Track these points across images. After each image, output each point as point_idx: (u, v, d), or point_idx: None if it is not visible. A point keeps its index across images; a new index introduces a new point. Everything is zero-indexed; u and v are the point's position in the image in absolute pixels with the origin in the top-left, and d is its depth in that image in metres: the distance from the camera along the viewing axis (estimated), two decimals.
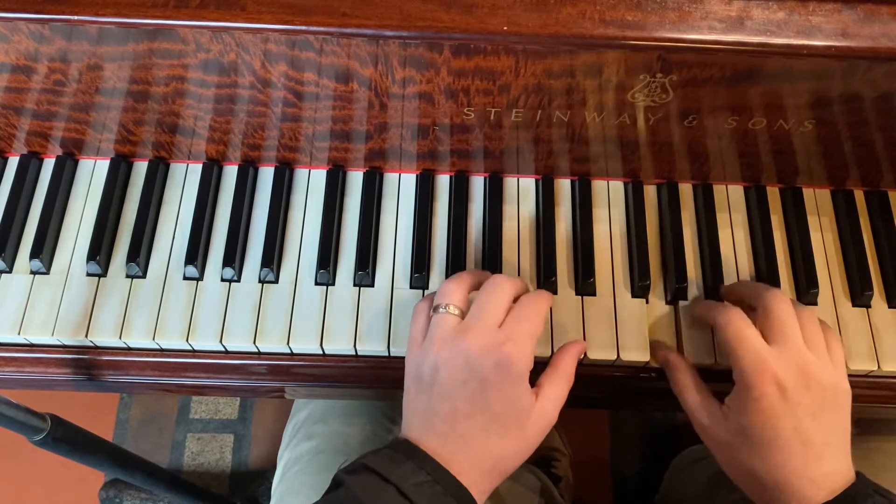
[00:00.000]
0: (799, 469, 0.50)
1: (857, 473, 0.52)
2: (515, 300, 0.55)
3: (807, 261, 0.64)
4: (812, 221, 0.67)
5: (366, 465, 0.49)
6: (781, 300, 0.54)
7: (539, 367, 0.57)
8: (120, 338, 0.61)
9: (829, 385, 0.52)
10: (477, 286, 0.55)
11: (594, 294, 0.63)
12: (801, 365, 0.51)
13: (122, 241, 0.65)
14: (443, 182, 0.68)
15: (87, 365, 0.62)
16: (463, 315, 0.53)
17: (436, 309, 0.54)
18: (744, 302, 0.59)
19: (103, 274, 0.63)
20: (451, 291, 0.54)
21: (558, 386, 0.54)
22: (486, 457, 0.51)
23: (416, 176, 0.68)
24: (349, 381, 0.63)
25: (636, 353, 0.61)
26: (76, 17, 0.50)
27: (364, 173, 0.67)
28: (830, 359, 0.53)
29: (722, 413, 0.53)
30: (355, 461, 0.50)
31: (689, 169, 0.66)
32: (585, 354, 0.60)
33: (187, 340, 0.61)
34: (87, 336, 0.61)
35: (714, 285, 0.63)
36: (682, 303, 0.63)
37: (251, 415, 1.33)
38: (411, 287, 0.63)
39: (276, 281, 0.63)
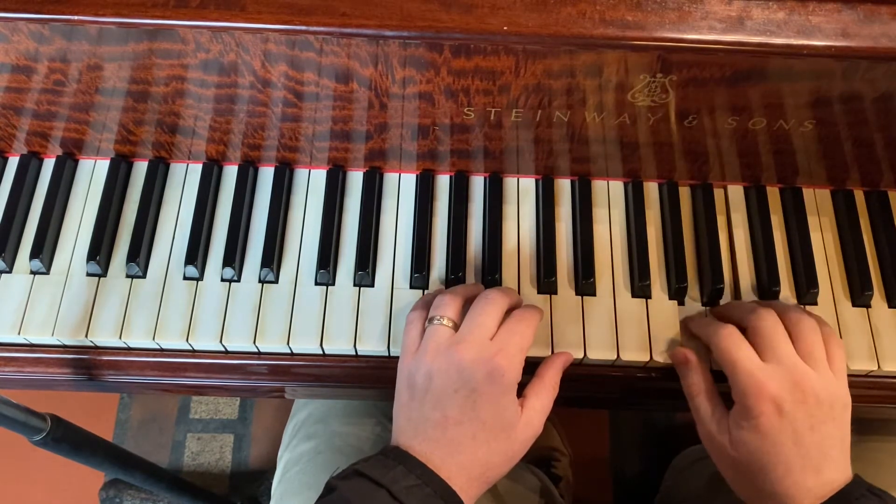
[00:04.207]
0: (798, 481, 0.51)
1: (854, 475, 0.52)
2: (509, 312, 0.56)
3: (807, 261, 0.64)
4: (812, 221, 0.66)
5: (357, 470, 0.50)
6: (765, 316, 0.55)
7: (535, 368, 0.57)
8: (120, 338, 0.61)
9: (825, 398, 0.52)
10: (471, 299, 0.57)
11: (594, 294, 0.63)
12: (796, 380, 0.52)
13: (122, 241, 0.65)
14: (443, 182, 0.68)
15: (87, 365, 0.62)
16: (456, 327, 0.55)
17: (430, 320, 0.55)
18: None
19: (103, 274, 0.63)
20: (445, 304, 0.56)
21: (543, 397, 0.55)
22: (475, 463, 0.52)
23: (416, 176, 0.68)
24: (349, 380, 0.63)
25: (636, 353, 0.61)
26: (76, 17, 0.50)
27: (364, 173, 0.67)
28: (830, 367, 0.54)
29: (727, 426, 0.54)
30: (347, 468, 0.52)
31: (689, 169, 0.66)
32: (585, 354, 0.61)
33: (187, 340, 0.61)
34: (87, 336, 0.61)
35: (714, 285, 0.63)
36: (682, 303, 0.63)
37: (251, 415, 1.33)
38: (411, 287, 0.63)
39: (276, 281, 0.63)
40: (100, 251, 0.63)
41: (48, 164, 0.67)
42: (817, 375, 0.52)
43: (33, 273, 0.63)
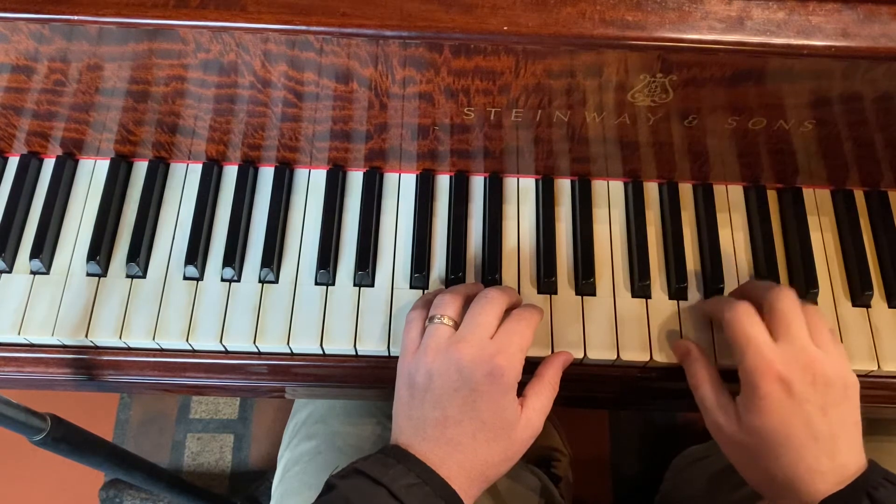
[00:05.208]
0: (812, 465, 0.51)
1: (870, 462, 0.52)
2: (509, 311, 0.56)
3: (807, 261, 0.64)
4: (812, 221, 0.66)
5: (357, 468, 0.50)
6: (786, 296, 0.54)
7: (534, 367, 0.57)
8: (120, 338, 0.61)
9: (835, 380, 0.52)
10: (471, 299, 0.57)
11: (594, 294, 0.63)
12: (806, 361, 0.51)
13: (122, 241, 0.65)
14: (443, 182, 0.68)
15: (87, 365, 0.62)
16: (457, 326, 0.55)
17: (430, 319, 0.55)
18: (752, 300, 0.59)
19: (103, 274, 0.63)
20: (446, 303, 0.56)
21: (543, 396, 0.55)
22: (474, 463, 0.52)
23: (416, 176, 0.68)
24: (349, 380, 0.63)
25: (636, 352, 0.61)
26: (76, 17, 0.50)
27: (364, 173, 0.67)
28: (836, 352, 0.53)
29: (735, 412, 0.54)
30: (347, 466, 0.52)
31: (689, 169, 0.66)
32: (585, 354, 0.61)
33: (187, 340, 0.61)
34: (87, 336, 0.61)
35: (714, 285, 0.63)
36: (682, 303, 0.63)
37: (251, 415, 1.33)
38: (411, 287, 0.63)
39: (276, 281, 0.63)
40: (100, 251, 0.63)
41: (48, 164, 0.67)
42: (827, 357, 0.52)
43: (33, 273, 0.63)
